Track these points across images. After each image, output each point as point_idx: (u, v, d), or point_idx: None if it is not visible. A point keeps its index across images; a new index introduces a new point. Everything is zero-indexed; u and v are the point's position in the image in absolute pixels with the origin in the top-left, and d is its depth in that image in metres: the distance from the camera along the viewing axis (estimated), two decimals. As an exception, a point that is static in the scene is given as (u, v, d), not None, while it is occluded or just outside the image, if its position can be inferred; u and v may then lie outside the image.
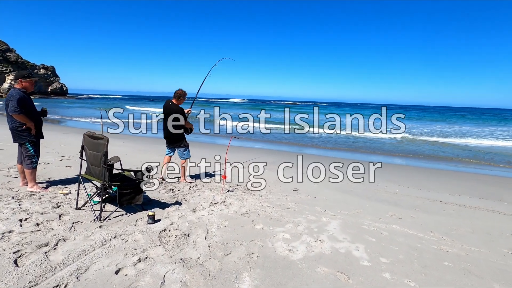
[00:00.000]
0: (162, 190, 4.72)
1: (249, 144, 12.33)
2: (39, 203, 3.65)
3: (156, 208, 3.77)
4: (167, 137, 5.25)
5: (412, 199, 5.48)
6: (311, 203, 4.70)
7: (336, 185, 6.18)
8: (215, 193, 4.81)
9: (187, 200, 4.31)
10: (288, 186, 5.73)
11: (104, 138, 3.15)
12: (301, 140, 14.34)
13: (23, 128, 3.97)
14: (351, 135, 16.71)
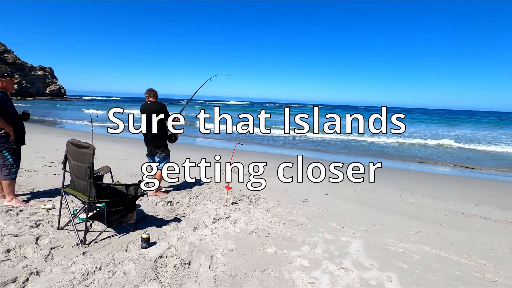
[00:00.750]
0: (159, 203, 4.22)
1: (251, 147, 11.85)
2: (15, 221, 3.14)
3: (151, 227, 3.27)
4: (151, 140, 4.56)
5: (432, 211, 5.01)
6: (325, 217, 4.22)
7: (348, 195, 5.71)
8: (218, 206, 4.32)
9: (187, 215, 3.82)
10: (296, 197, 5.25)
11: (89, 147, 2.67)
12: (302, 143, 13.89)
13: (1, 133, 3.47)
14: (352, 138, 16.27)
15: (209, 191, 5.16)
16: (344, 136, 17.08)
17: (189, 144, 12.65)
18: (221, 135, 16.31)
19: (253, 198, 4.89)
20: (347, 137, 16.73)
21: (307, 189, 5.93)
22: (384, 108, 8.43)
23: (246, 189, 5.50)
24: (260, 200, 4.83)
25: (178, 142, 5.21)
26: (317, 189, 5.98)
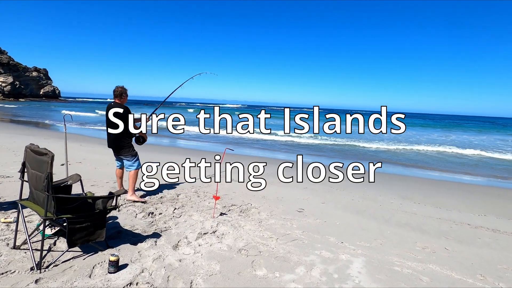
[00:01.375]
0: (139, 214, 3.81)
1: (244, 151, 11.47)
2: (-34, 238, 2.72)
3: (125, 245, 2.87)
4: (110, 142, 4.38)
5: (436, 222, 4.67)
6: (322, 230, 3.85)
7: (346, 203, 5.35)
8: (204, 217, 3.93)
9: (168, 229, 3.41)
10: (292, 206, 4.87)
11: (47, 153, 2.27)
12: (300, 148, 13.55)
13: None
14: (351, 144, 15.99)
15: (197, 199, 4.77)
16: (342, 140, 16.80)
17: (170, 146, 12.23)
18: (207, 137, 15.92)
19: (245, 208, 4.50)
20: (346, 142, 16.44)
21: (303, 197, 5.56)
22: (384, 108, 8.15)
23: (238, 197, 5.11)
24: (252, 210, 4.44)
25: (164, 144, 4.82)
26: (314, 197, 5.61)
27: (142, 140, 4.60)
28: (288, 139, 16.06)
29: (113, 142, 4.36)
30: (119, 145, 4.35)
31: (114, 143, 4.36)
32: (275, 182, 6.75)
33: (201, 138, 15.86)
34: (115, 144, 4.36)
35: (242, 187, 5.91)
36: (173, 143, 13.49)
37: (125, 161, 4.46)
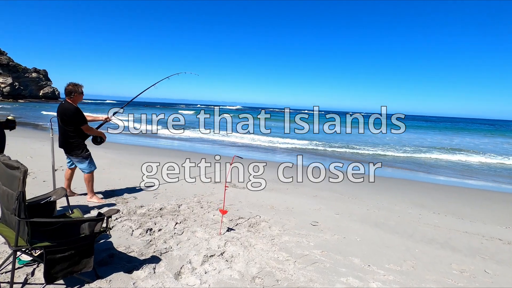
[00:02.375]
0: (136, 231, 3.35)
1: (251, 154, 11.02)
2: None
3: (117, 274, 2.41)
4: (60, 143, 4.15)
5: (464, 237, 4.23)
6: (343, 249, 3.40)
7: (361, 214, 4.90)
8: (210, 234, 3.47)
9: (169, 250, 2.95)
10: (304, 218, 4.42)
11: (19, 167, 1.81)
12: (307, 152, 13.10)
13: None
14: (355, 152, 15.55)
15: (200, 211, 4.31)
16: (340, 144, 16.38)
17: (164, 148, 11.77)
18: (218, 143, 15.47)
19: (253, 222, 4.04)
20: (345, 148, 16.01)
21: (314, 207, 5.11)
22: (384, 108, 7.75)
23: (244, 208, 4.66)
24: (261, 224, 3.99)
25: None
26: (326, 207, 5.16)
27: (100, 140, 4.37)
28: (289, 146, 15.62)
29: (63, 141, 4.11)
30: (70, 145, 4.08)
31: (64, 142, 4.10)
32: (282, 189, 6.32)
33: (202, 141, 15.40)
34: (66, 144, 4.10)
35: (248, 195, 5.46)
36: (172, 146, 13.03)
37: (78, 163, 4.20)
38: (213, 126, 25.41)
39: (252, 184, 6.43)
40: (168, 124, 17.42)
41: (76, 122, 4.01)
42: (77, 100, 4.07)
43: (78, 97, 4.06)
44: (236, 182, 6.48)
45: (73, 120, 3.97)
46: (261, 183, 6.62)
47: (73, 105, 3.99)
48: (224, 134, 18.55)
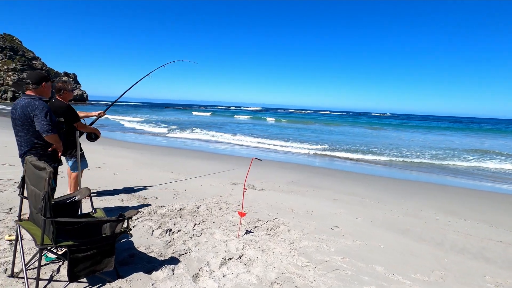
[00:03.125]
0: (156, 231, 3.40)
1: (269, 155, 10.96)
2: (-38, 261, 2.40)
3: (137, 274, 2.44)
4: None
5: (498, 247, 3.94)
6: (366, 256, 3.26)
7: (385, 219, 4.70)
8: (228, 236, 3.45)
9: (188, 252, 2.96)
10: (324, 222, 4.30)
11: (45, 169, 1.88)
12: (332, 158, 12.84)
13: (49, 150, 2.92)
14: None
15: (219, 212, 4.31)
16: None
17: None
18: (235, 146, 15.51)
19: (272, 225, 3.98)
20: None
21: (335, 210, 4.96)
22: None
23: (263, 210, 4.61)
24: (280, 227, 3.92)
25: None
26: (347, 211, 5.00)
27: (95, 137, 4.31)
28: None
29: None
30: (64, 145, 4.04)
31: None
32: (301, 191, 6.21)
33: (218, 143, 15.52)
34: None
35: (266, 198, 5.41)
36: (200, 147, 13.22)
37: (68, 161, 4.14)
38: (230, 127, 25.56)
39: (270, 186, 6.37)
40: (183, 125, 17.74)
41: (69, 120, 3.88)
42: (67, 97, 3.99)
43: (68, 94, 3.98)
44: (254, 184, 6.45)
45: (65, 117, 3.83)
46: (279, 185, 6.55)
47: (64, 103, 3.89)
48: (241, 136, 18.61)
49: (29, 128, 2.78)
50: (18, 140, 2.88)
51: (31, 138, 2.82)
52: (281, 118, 45.48)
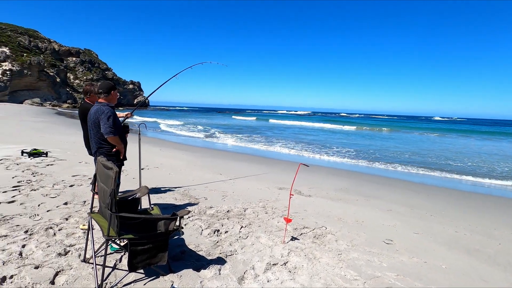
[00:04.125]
0: (205, 231, 3.56)
1: (318, 161, 10.70)
2: (47, 244, 2.81)
3: (187, 270, 2.58)
4: (86, 143, 4.15)
5: None
6: (424, 276, 2.95)
7: (448, 236, 4.21)
8: (274, 241, 3.45)
9: (234, 253, 3.04)
10: (376, 234, 4.03)
11: (112, 168, 2.11)
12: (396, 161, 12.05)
13: (113, 151, 3.32)
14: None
15: (265, 217, 4.34)
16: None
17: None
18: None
19: (319, 233, 3.87)
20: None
21: (388, 222, 4.62)
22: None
23: (310, 217, 4.51)
24: (327, 236, 3.78)
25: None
26: (402, 224, 4.61)
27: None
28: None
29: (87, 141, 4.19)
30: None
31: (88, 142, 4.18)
32: (351, 199, 5.91)
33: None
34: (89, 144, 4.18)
35: (313, 204, 5.28)
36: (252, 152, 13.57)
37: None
38: (276, 132, 25.60)
39: (318, 193, 6.20)
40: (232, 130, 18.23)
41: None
42: (94, 99, 4.13)
43: (94, 96, 4.07)
44: (301, 189, 6.35)
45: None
46: (327, 192, 6.34)
47: (91, 104, 4.07)
48: (287, 140, 18.50)
49: (98, 130, 3.17)
50: (91, 141, 3.31)
51: (99, 140, 3.21)
52: (330, 123, 43.86)
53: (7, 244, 2.76)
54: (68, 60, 72.25)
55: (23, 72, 49.96)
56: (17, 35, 60.86)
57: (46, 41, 68.86)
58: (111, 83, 3.35)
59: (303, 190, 6.35)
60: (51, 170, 5.98)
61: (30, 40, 62.78)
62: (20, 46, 56.87)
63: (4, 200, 4.02)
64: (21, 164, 6.31)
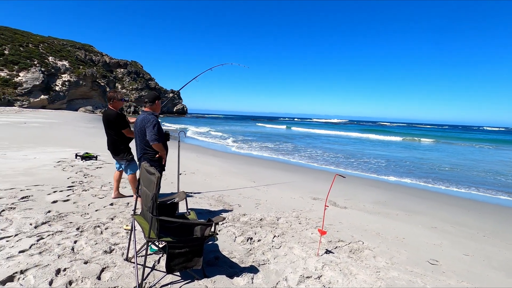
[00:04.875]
0: (239, 238, 3.60)
1: (355, 172, 10.30)
2: (94, 242, 3.05)
3: (221, 276, 2.62)
4: (108, 148, 4.51)
5: None
6: (476, 303, 2.67)
7: (504, 260, 3.77)
8: (307, 253, 3.37)
9: (266, 263, 3.02)
10: (420, 253, 3.75)
11: (155, 174, 2.24)
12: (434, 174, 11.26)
13: (156, 157, 3.55)
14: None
15: (298, 227, 4.27)
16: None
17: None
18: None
19: (355, 248, 3.70)
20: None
21: (433, 241, 4.27)
22: None
23: (345, 230, 4.34)
24: (365, 252, 3.60)
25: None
26: (450, 243, 4.24)
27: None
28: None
29: (110, 145, 4.48)
30: (115, 149, 4.43)
31: (110, 146, 4.47)
32: (391, 214, 5.59)
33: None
34: (112, 148, 4.47)
35: (349, 217, 5.07)
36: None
37: (122, 165, 4.53)
38: (310, 140, 25.21)
39: (354, 205, 5.96)
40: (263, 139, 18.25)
41: (118, 126, 4.26)
42: (117, 105, 4.33)
43: (117, 103, 4.32)
44: (337, 201, 6.15)
45: (115, 124, 4.25)
46: (364, 205, 6.06)
47: (114, 111, 4.27)
48: (322, 150, 18.09)
49: (143, 137, 3.41)
50: (137, 146, 3.56)
51: (144, 146, 3.44)
52: (368, 132, 41.96)
53: (62, 239, 3.04)
54: (117, 71, 78.73)
55: (79, 82, 55.41)
56: (75, 49, 68.00)
57: (99, 54, 75.93)
58: (156, 93, 3.58)
59: (339, 201, 6.15)
60: (99, 173, 6.50)
61: (86, 54, 69.73)
62: (78, 60, 63.36)
63: (60, 199, 4.45)
64: (75, 166, 6.95)
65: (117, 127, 4.31)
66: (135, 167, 4.52)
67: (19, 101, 45.41)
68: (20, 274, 2.36)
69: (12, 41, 53.28)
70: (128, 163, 4.49)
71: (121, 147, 4.41)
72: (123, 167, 4.56)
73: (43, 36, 64.80)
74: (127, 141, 4.49)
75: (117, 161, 4.55)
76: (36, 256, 2.66)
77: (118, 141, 4.39)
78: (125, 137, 4.42)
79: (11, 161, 6.90)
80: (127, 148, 4.50)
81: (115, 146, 4.43)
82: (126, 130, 4.37)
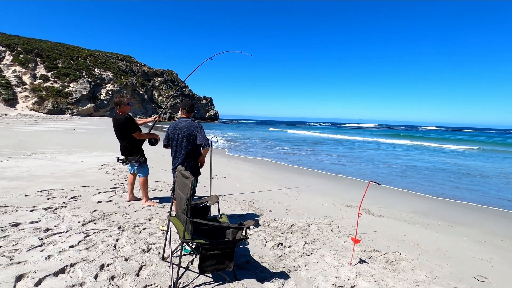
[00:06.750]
0: (269, 243, 3.61)
1: (391, 178, 9.82)
2: (134, 241, 3.25)
3: (251, 280, 2.65)
4: (120, 150, 4.61)
5: None
6: (532, 327, 2.40)
7: None
8: (339, 261, 3.28)
9: (297, 269, 2.99)
10: (464, 268, 3.47)
11: (189, 177, 2.35)
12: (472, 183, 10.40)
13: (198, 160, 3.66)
14: None
15: (330, 234, 4.17)
16: None
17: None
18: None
19: (391, 259, 3.52)
20: None
21: (481, 256, 3.92)
22: None
23: (380, 239, 4.15)
24: (402, 263, 3.41)
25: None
26: (501, 259, 3.86)
27: (154, 141, 4.56)
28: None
29: (122, 148, 4.58)
30: (128, 152, 4.53)
31: (123, 150, 4.57)
32: (432, 224, 5.25)
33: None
34: (124, 151, 4.56)
35: (385, 226, 4.84)
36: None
37: (135, 167, 4.65)
38: (344, 146, 24.47)
39: (390, 214, 5.67)
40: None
41: (128, 130, 4.32)
42: (125, 110, 4.37)
43: (125, 107, 4.36)
44: (371, 208, 5.91)
45: (125, 128, 4.31)
46: (401, 214, 5.74)
47: (123, 115, 4.33)
48: (357, 156, 17.48)
49: (190, 142, 3.47)
50: (178, 151, 3.50)
51: (188, 152, 3.49)
52: (402, 138, 39.33)
53: (105, 237, 3.29)
54: (154, 80, 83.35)
55: (121, 91, 59.55)
56: (118, 61, 73.42)
57: (138, 64, 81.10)
58: (191, 102, 3.73)
59: (373, 209, 5.90)
60: (138, 176, 6.91)
61: (127, 64, 74.93)
62: (120, 70, 68.28)
63: (104, 199, 4.80)
64: (117, 169, 7.46)
65: (127, 131, 4.37)
66: (146, 170, 4.63)
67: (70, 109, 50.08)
68: (70, 267, 2.59)
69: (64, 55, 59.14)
70: (141, 166, 4.58)
71: (133, 150, 4.52)
72: (135, 169, 4.66)
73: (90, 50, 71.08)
74: (139, 144, 4.57)
75: (131, 163, 4.62)
76: (84, 251, 2.90)
77: (130, 147, 4.50)
78: (137, 141, 4.49)
79: (62, 164, 7.60)
80: (140, 151, 4.58)
81: (127, 148, 4.52)
82: (137, 133, 4.42)
